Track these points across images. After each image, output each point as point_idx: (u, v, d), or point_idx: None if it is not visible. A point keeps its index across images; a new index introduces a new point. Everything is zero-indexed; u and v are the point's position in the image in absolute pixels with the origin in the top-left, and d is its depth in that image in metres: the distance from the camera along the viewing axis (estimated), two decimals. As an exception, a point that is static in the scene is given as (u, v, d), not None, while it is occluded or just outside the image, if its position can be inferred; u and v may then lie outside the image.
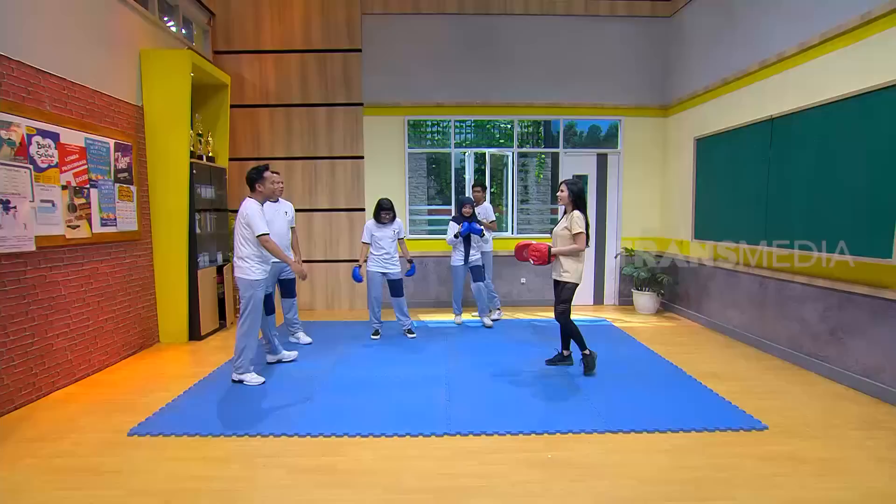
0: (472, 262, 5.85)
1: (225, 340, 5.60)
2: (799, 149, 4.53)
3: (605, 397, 3.84)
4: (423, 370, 4.47)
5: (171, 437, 3.22)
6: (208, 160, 5.97)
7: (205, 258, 5.72)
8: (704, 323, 6.21)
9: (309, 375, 4.37)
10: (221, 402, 3.79)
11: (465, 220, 5.76)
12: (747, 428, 3.31)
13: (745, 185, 5.27)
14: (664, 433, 3.26)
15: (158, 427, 3.35)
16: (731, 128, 5.54)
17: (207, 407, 3.68)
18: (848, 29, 4.10)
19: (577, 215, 4.22)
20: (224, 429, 3.31)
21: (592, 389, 4.00)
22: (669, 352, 5.06)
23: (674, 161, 7.06)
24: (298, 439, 3.18)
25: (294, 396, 3.88)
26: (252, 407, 3.68)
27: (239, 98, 6.99)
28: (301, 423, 3.39)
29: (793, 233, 4.58)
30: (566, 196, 4.29)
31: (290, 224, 5.15)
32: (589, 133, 7.34)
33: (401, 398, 3.82)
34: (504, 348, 5.17)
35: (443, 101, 7.17)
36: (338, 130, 7.14)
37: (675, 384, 4.12)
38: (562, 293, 4.29)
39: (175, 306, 5.44)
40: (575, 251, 4.23)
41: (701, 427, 3.31)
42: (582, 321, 6.37)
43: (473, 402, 3.76)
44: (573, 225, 4.21)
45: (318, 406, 3.69)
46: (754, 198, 5.12)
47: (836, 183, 4.15)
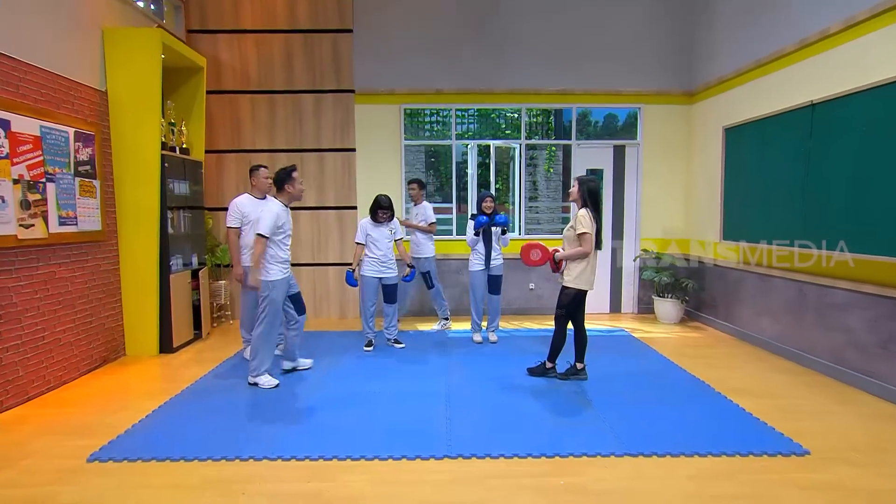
0: (493, 269, 5.66)
1: (200, 353, 5.58)
2: (843, 138, 4.49)
3: (622, 416, 3.82)
4: (421, 385, 4.49)
5: (138, 463, 3.18)
6: (182, 152, 5.94)
7: (178, 261, 5.71)
8: (734, 333, 6.19)
9: (295, 391, 4.37)
10: (196, 421, 3.75)
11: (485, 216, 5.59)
12: (785, 452, 3.27)
13: (780, 179, 5.25)
14: (689, 457, 3.23)
15: (123, 451, 3.31)
16: (764, 115, 5.51)
17: (180, 428, 3.64)
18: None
19: (582, 214, 4.24)
20: (199, 452, 3.28)
21: (608, 407, 3.99)
22: (695, 365, 5.05)
23: (700, 153, 7.03)
24: (282, 463, 3.16)
25: (278, 415, 3.86)
26: (231, 427, 3.65)
27: (216, 83, 6.97)
28: (285, 445, 3.37)
29: (835, 232, 4.54)
30: (577, 193, 4.33)
31: None
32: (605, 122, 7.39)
33: (396, 416, 3.82)
34: (509, 361, 5.18)
35: (443, 88, 7.16)
36: (326, 120, 7.13)
37: (701, 401, 4.11)
38: (560, 298, 4.41)
39: (144, 315, 5.41)
40: (579, 255, 4.23)
41: (731, 450, 3.28)
42: (597, 332, 6.35)
43: (476, 420, 3.76)
44: (577, 224, 4.24)
45: (304, 425, 3.68)
46: (791, 193, 5.09)
47: (886, 175, 4.09)
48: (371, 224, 5.41)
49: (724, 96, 6.41)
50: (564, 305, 4.36)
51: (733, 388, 4.38)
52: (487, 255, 5.59)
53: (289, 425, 3.67)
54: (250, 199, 5.11)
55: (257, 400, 4.16)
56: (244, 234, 5.00)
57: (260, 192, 5.14)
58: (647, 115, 7.33)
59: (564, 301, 4.35)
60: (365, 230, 5.40)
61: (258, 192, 5.14)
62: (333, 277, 7.29)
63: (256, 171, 5.14)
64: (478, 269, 5.66)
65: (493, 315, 5.94)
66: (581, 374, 4.57)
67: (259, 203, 5.07)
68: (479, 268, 5.65)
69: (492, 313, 5.94)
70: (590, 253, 4.25)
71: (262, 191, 5.14)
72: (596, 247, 4.30)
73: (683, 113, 7.30)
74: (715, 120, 6.59)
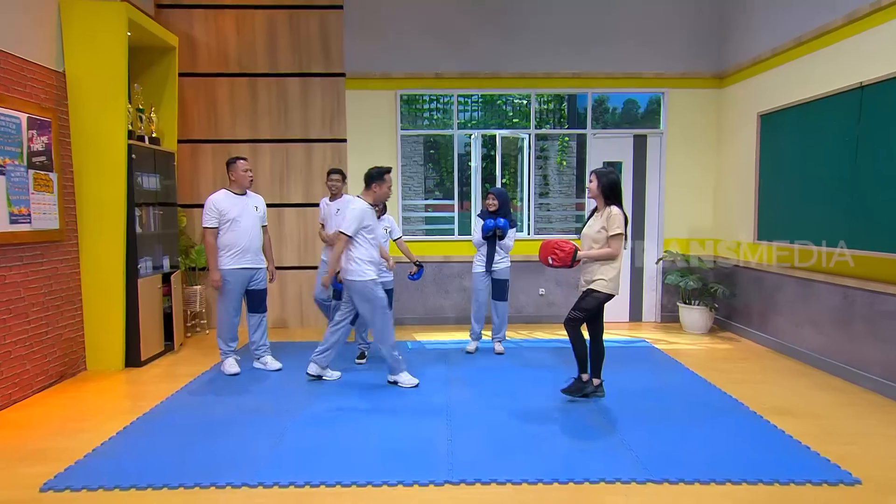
0: (496, 272, 5.77)
1: (172, 367, 5.54)
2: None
3: (645, 437, 3.80)
4: (419, 401, 4.50)
5: (100, 492, 3.11)
6: (152, 142, 5.92)
7: (147, 264, 5.69)
8: (771, 345, 6.16)
9: (278, 408, 4.36)
10: (167, 444, 3.72)
11: (489, 215, 5.68)
12: (831, 481, 3.20)
13: (823, 170, 5.21)
14: (721, 484, 3.18)
15: (82, 479, 3.25)
16: (805, 100, 5.47)
17: (148, 452, 3.62)
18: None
19: (616, 213, 4.24)
20: (169, 479, 3.24)
21: (629, 427, 3.97)
22: (726, 381, 5.02)
23: (731, 143, 7.02)
24: (263, 490, 3.14)
25: (259, 435, 3.86)
26: (206, 450, 3.63)
27: (190, 65, 6.96)
28: (267, 470, 3.37)
29: (889, 231, 4.48)
30: (595, 188, 4.34)
31: (262, 222, 5.31)
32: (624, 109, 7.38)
33: (391, 436, 3.83)
34: (518, 374, 5.21)
35: (444, 72, 7.16)
36: (314, 107, 7.13)
37: (734, 422, 4.08)
38: (584, 301, 4.35)
39: (108, 325, 5.38)
40: (607, 257, 4.25)
41: (769, 478, 3.22)
42: (615, 342, 6.31)
43: (481, 441, 3.76)
44: (610, 225, 4.23)
45: (288, 447, 3.68)
46: (836, 187, 5.04)
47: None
48: None
49: (760, 79, 6.37)
50: (587, 309, 4.33)
51: (771, 407, 4.34)
52: (490, 257, 5.70)
53: (271, 447, 3.65)
54: (229, 195, 5.09)
55: (236, 419, 4.14)
56: (222, 235, 5.00)
57: (239, 187, 5.13)
58: (671, 100, 7.31)
59: (589, 305, 4.31)
60: None
61: (237, 186, 5.13)
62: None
63: (234, 163, 5.12)
64: (479, 270, 5.82)
65: (498, 324, 5.96)
66: (598, 391, 4.53)
67: (239, 200, 5.06)
68: (480, 269, 5.80)
69: (497, 322, 5.96)
70: (617, 255, 4.26)
71: (242, 185, 5.14)
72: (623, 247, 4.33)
73: (713, 98, 7.28)
74: (749, 105, 6.57)
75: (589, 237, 4.36)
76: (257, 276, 5.21)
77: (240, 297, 5.15)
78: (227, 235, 5.00)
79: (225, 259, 5.02)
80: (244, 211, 5.05)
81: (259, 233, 5.18)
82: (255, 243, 5.14)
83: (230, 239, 5.00)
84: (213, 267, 5.02)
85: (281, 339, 6.57)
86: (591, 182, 4.36)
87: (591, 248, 4.33)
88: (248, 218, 5.07)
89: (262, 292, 5.30)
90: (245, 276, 5.10)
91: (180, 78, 6.69)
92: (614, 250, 4.22)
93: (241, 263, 5.05)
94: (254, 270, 5.16)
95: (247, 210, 5.07)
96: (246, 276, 5.11)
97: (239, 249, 5.02)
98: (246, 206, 5.09)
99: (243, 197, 5.10)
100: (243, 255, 5.05)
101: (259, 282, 5.24)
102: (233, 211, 4.97)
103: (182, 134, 6.88)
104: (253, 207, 5.15)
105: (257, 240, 5.16)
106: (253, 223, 5.11)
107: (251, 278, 5.17)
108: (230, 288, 5.05)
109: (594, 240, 4.32)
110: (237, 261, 5.03)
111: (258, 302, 5.30)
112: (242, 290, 5.14)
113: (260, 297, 5.29)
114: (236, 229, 5.01)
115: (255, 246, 5.13)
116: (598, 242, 4.29)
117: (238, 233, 5.02)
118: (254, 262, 5.14)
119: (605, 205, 4.32)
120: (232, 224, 4.99)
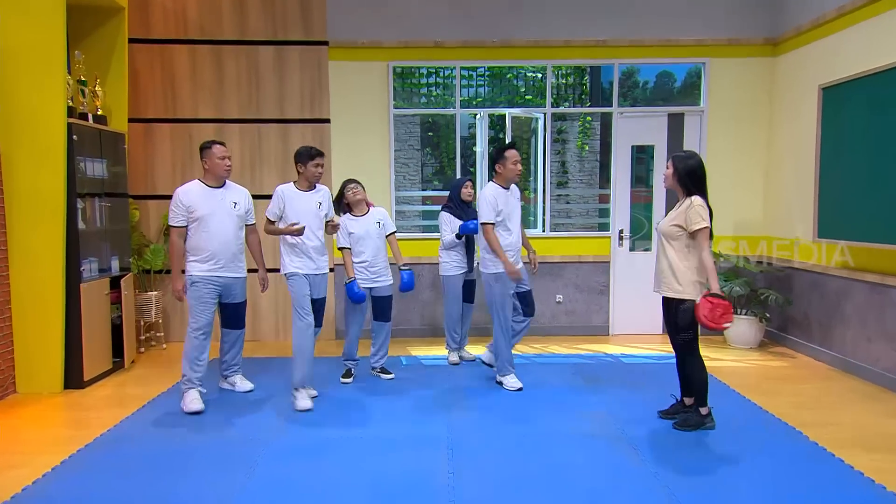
0: (475, 273, 5.98)
1: (121, 388, 5.51)
2: None
3: (681, 471, 3.80)
4: (416, 428, 4.54)
5: (28, 541, 3.10)
6: (97, 120, 5.87)
7: (92, 266, 5.65)
8: (835, 363, 6.10)
9: (248, 435, 4.37)
10: (113, 483, 3.68)
11: (464, 206, 5.88)
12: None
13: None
14: None
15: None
16: (879, 69, 5.38)
17: (92, 490, 3.59)
18: None
19: (698, 204, 4.27)
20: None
21: (661, 459, 3.96)
22: (781, 405, 4.98)
23: (786, 122, 6.96)
24: None
25: (225, 469, 3.85)
26: (162, 488, 3.61)
27: (142, 29, 6.88)
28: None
29: None
30: (671, 176, 4.41)
31: (247, 220, 5.12)
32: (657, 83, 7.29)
33: (384, 469, 3.85)
34: (530, 396, 5.22)
35: (444, 40, 7.12)
36: (292, 80, 7.10)
37: (790, 455, 4.05)
38: (678, 316, 4.38)
39: (43, 338, 5.32)
40: (710, 263, 4.25)
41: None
42: (646, 358, 6.39)
43: (488, 474, 3.78)
44: (691, 218, 4.24)
45: (261, 480, 3.70)
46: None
47: None
48: (351, 218, 5.40)
49: (822, 45, 6.29)
50: (690, 326, 4.35)
51: (836, 439, 4.26)
52: (470, 256, 5.95)
53: (242, 483, 3.65)
54: (202, 187, 4.86)
55: (197, 451, 4.11)
56: (189, 236, 4.79)
57: (215, 178, 4.88)
58: (714, 71, 7.27)
59: (687, 320, 4.33)
60: (346, 227, 5.38)
61: (212, 177, 4.88)
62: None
63: (209, 149, 4.86)
64: (458, 272, 5.97)
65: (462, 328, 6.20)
66: (707, 420, 4.48)
67: (213, 194, 4.84)
68: (460, 271, 5.96)
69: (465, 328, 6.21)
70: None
71: (219, 175, 4.88)
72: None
73: (764, 68, 7.24)
74: (808, 77, 6.50)
75: (661, 232, 4.44)
76: (234, 288, 4.97)
77: (212, 309, 4.90)
78: (194, 237, 4.79)
79: (193, 264, 4.81)
80: (217, 208, 4.79)
81: (236, 235, 4.92)
82: (231, 248, 4.87)
83: (196, 242, 4.77)
84: (176, 274, 4.84)
85: (253, 354, 6.55)
86: (668, 169, 4.44)
87: (665, 245, 4.39)
88: (221, 216, 4.81)
89: (240, 306, 5.12)
90: (218, 285, 4.87)
91: (130, 45, 6.63)
92: (705, 244, 4.22)
93: (212, 271, 4.82)
94: (229, 281, 4.92)
95: (221, 207, 4.82)
96: (219, 285, 4.87)
97: (207, 255, 4.79)
98: (221, 201, 4.83)
99: (219, 190, 4.86)
100: (215, 261, 4.81)
101: (236, 294, 5.03)
102: (202, 207, 4.73)
103: (133, 112, 6.80)
104: (230, 204, 4.88)
105: (233, 244, 4.90)
106: (227, 223, 4.85)
107: (228, 289, 4.95)
108: (200, 295, 4.80)
109: (668, 235, 4.37)
110: (209, 267, 4.81)
111: (235, 318, 5.14)
112: (215, 301, 4.93)
113: (237, 311, 5.12)
114: (205, 230, 4.77)
115: (230, 251, 4.86)
116: (674, 239, 4.34)
117: (206, 235, 4.77)
118: (228, 270, 4.89)
119: (685, 195, 4.38)
120: (200, 223, 4.75)
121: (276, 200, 4.81)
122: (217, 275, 4.83)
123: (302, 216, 4.81)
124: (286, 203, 4.80)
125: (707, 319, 4.13)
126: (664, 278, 4.39)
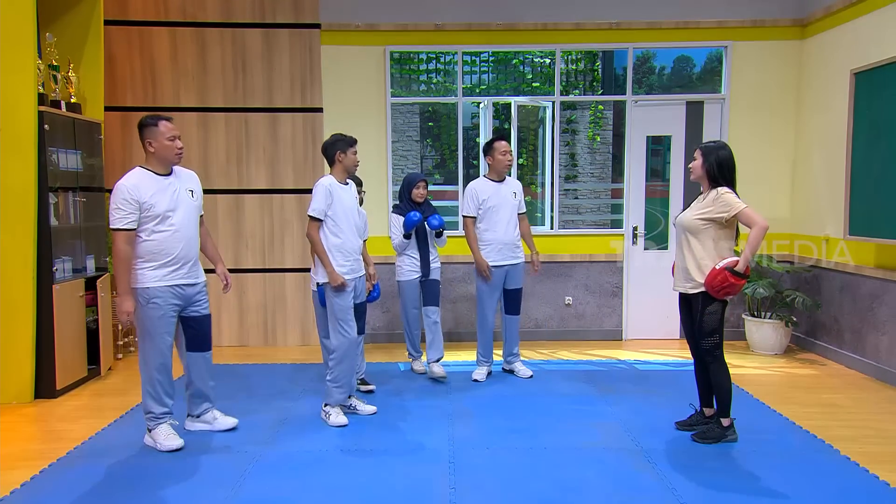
0: (433, 273, 6.03)
1: (97, 397, 5.49)
2: None
3: (703, 488, 3.77)
4: (412, 440, 4.53)
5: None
6: (70, 109, 5.87)
7: (65, 266, 5.63)
8: (869, 370, 6.05)
9: (235, 447, 4.36)
10: (91, 497, 3.68)
11: (414, 207, 5.81)
12: None
13: None
14: None
15: None
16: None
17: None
18: None
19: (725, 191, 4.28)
20: None
21: (681, 475, 3.93)
22: (809, 416, 4.95)
23: (815, 110, 6.93)
24: None
25: (210, 483, 3.85)
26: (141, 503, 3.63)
27: (119, 10, 6.85)
28: None
29: None
30: (699, 167, 4.41)
31: (199, 211, 4.47)
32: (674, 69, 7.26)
33: (379, 486, 3.82)
34: (537, 406, 5.22)
35: (445, 23, 7.11)
36: (282, 66, 7.10)
37: (821, 471, 4.02)
38: (703, 318, 4.34)
39: (12, 344, 5.29)
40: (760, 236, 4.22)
41: None
42: (664, 365, 6.39)
43: (492, 492, 3.76)
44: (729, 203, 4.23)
45: (249, 497, 3.69)
46: None
47: None
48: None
49: (855, 25, 6.24)
50: (717, 329, 4.33)
51: (871, 454, 4.20)
52: (424, 259, 5.91)
53: (225, 499, 3.63)
54: (150, 177, 4.20)
55: (179, 464, 4.09)
56: (144, 239, 4.15)
57: (164, 164, 4.26)
58: (736, 56, 7.24)
59: (714, 322, 4.32)
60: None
61: (160, 163, 4.24)
62: (293, 288, 7.24)
63: (153, 126, 4.18)
64: (412, 277, 5.96)
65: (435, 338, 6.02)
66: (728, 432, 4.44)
67: (166, 183, 4.20)
68: (414, 276, 5.95)
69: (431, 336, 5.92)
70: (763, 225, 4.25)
71: (168, 161, 4.26)
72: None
73: (791, 52, 7.22)
74: (839, 61, 6.45)
75: (682, 226, 4.41)
76: (198, 296, 4.38)
77: (172, 327, 4.32)
78: (155, 239, 4.13)
79: (148, 273, 4.14)
80: (178, 201, 4.21)
81: (197, 232, 4.40)
82: (195, 248, 4.34)
83: (159, 245, 4.13)
84: (126, 290, 4.09)
85: (239, 361, 6.50)
86: (696, 160, 4.43)
87: (689, 239, 4.36)
88: (185, 210, 4.25)
89: (206, 320, 4.47)
90: (180, 297, 4.27)
91: (106, 27, 6.58)
92: (758, 220, 4.18)
93: (174, 279, 4.21)
94: (193, 288, 4.34)
95: (181, 199, 4.24)
96: (182, 297, 4.28)
97: (172, 259, 4.18)
98: (178, 192, 4.24)
99: (169, 178, 4.23)
100: (178, 267, 4.23)
101: (201, 305, 4.42)
102: (162, 202, 4.11)
103: (110, 100, 6.77)
104: (187, 193, 4.31)
105: (197, 243, 4.38)
106: (191, 218, 4.30)
107: (190, 300, 4.34)
108: (163, 314, 4.19)
109: (692, 229, 4.34)
110: (169, 276, 4.19)
111: (202, 336, 4.46)
112: (176, 317, 4.31)
113: (202, 327, 4.46)
114: (166, 230, 4.16)
115: (195, 252, 4.34)
116: (698, 233, 4.32)
117: (171, 235, 4.17)
118: (191, 276, 4.32)
119: (711, 188, 4.37)
120: (162, 222, 4.13)
121: (324, 195, 4.52)
122: (178, 283, 4.23)
123: (349, 214, 4.68)
124: (335, 199, 4.57)
125: (711, 287, 4.17)
126: (687, 274, 4.38)
